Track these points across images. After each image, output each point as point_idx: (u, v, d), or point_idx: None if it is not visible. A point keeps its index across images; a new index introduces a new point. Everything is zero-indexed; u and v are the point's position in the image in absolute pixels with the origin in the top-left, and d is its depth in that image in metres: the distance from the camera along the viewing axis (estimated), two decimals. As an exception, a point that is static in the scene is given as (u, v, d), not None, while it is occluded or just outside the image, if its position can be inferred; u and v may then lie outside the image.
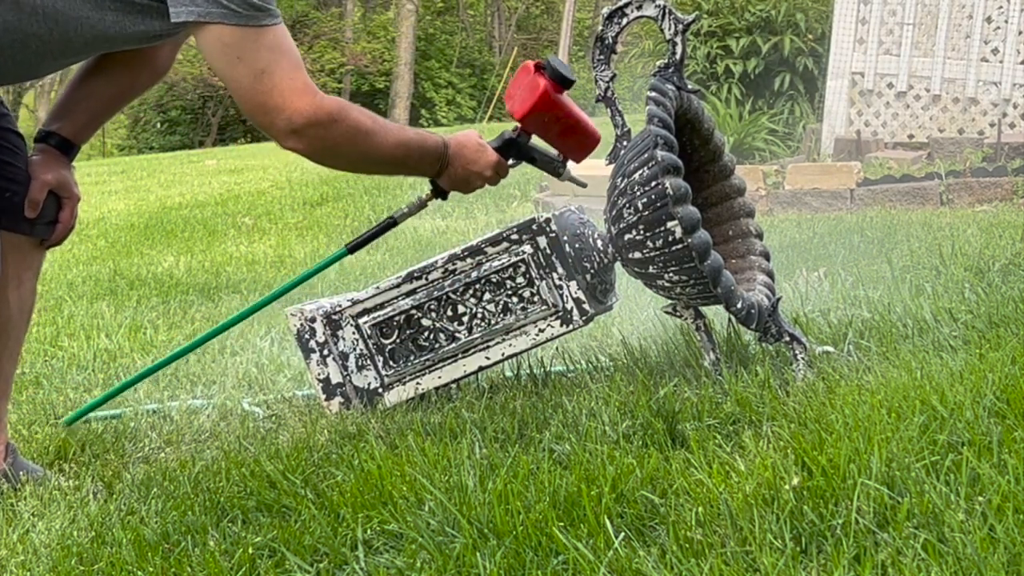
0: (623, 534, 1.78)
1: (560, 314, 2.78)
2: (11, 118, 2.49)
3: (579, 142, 2.68)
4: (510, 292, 2.80)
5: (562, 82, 2.56)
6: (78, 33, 2.27)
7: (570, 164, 2.79)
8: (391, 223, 2.77)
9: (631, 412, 2.36)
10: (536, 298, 2.78)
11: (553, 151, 2.76)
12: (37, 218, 2.47)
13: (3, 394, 2.53)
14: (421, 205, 2.72)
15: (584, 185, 2.84)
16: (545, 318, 2.78)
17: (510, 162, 2.68)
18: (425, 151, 2.53)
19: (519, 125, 2.68)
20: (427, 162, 2.55)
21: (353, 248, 2.78)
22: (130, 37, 2.32)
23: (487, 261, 2.80)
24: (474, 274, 2.80)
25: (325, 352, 2.88)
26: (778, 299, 2.68)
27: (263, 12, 2.23)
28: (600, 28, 2.77)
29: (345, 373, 2.87)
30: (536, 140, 2.73)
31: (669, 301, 2.73)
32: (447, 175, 2.59)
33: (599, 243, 2.79)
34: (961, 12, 8.34)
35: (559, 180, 2.81)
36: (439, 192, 2.67)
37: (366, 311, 2.86)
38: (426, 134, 2.56)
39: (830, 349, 2.68)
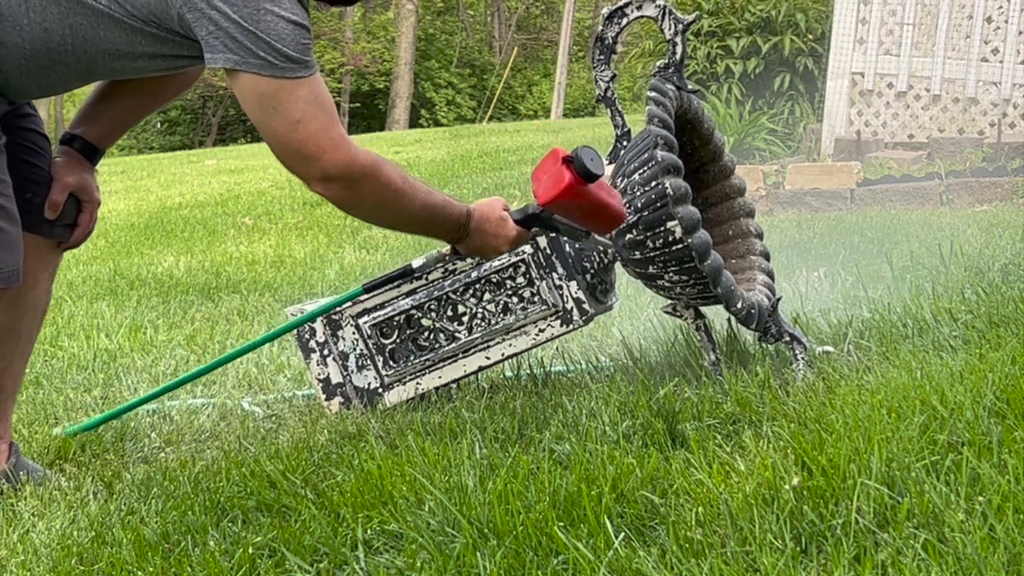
0: (623, 534, 1.78)
1: (560, 314, 2.78)
2: (38, 119, 2.50)
3: (602, 224, 2.60)
4: (510, 292, 2.80)
5: (588, 177, 2.50)
6: (105, 63, 2.29)
7: None
8: (409, 271, 2.73)
9: (631, 412, 2.36)
10: (536, 298, 2.78)
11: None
12: (56, 220, 2.47)
13: (11, 393, 2.54)
14: (440, 258, 2.68)
15: (609, 246, 2.79)
16: (545, 318, 2.78)
17: (533, 230, 2.65)
18: (448, 218, 2.50)
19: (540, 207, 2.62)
20: (448, 228, 2.52)
21: (370, 289, 2.76)
22: (157, 68, 2.34)
23: (487, 261, 2.80)
24: (474, 274, 2.80)
25: (325, 352, 2.88)
26: (778, 299, 2.68)
27: (299, 64, 2.22)
28: (600, 28, 2.78)
29: (345, 373, 2.87)
30: None
31: (669, 301, 2.73)
32: (465, 243, 2.55)
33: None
34: (961, 12, 8.34)
35: (584, 246, 2.77)
36: (456, 251, 2.63)
37: (366, 311, 2.86)
38: (451, 200, 2.52)
39: (830, 349, 2.68)
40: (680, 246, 2.53)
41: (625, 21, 2.76)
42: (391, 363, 2.86)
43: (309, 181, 2.30)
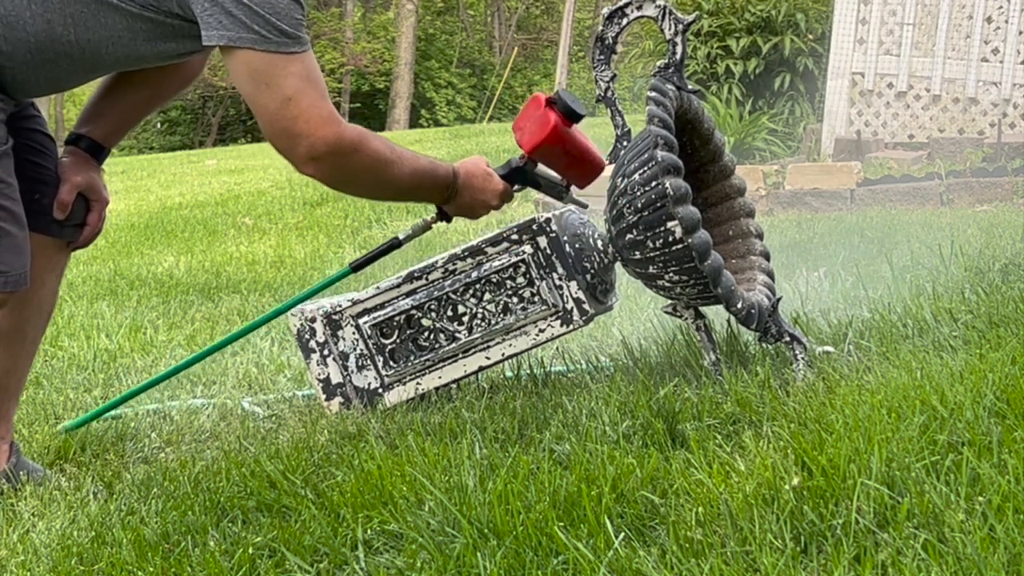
0: (623, 534, 1.78)
1: (560, 314, 2.77)
2: (42, 120, 2.50)
3: (584, 171, 2.71)
4: (510, 292, 2.80)
5: (572, 117, 2.59)
6: (109, 52, 2.30)
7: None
8: (396, 244, 2.77)
9: (631, 412, 2.36)
10: (536, 298, 2.78)
11: (558, 176, 2.76)
12: (65, 220, 2.47)
13: (14, 393, 2.54)
14: (426, 227, 2.73)
15: (585, 206, 2.86)
16: (545, 318, 2.78)
17: (515, 187, 2.70)
18: (436, 180, 2.56)
19: (526, 155, 2.67)
20: (437, 190, 2.58)
21: (357, 267, 2.79)
22: (160, 55, 2.35)
23: (487, 261, 2.80)
24: (474, 274, 2.80)
25: (325, 352, 2.88)
26: (778, 299, 2.68)
27: (293, 40, 2.25)
28: (600, 28, 2.77)
29: (345, 373, 2.87)
30: (542, 166, 2.73)
31: (669, 301, 2.72)
32: (454, 203, 2.61)
33: (599, 243, 2.79)
34: (961, 12, 8.34)
35: (561, 203, 2.83)
36: (443, 216, 2.68)
37: (366, 311, 2.86)
38: (437, 162, 2.58)
39: (830, 349, 2.68)
40: (680, 246, 2.53)
41: (625, 21, 2.76)
42: (391, 363, 2.86)
43: (298, 162, 2.32)
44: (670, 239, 2.54)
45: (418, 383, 2.85)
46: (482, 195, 2.62)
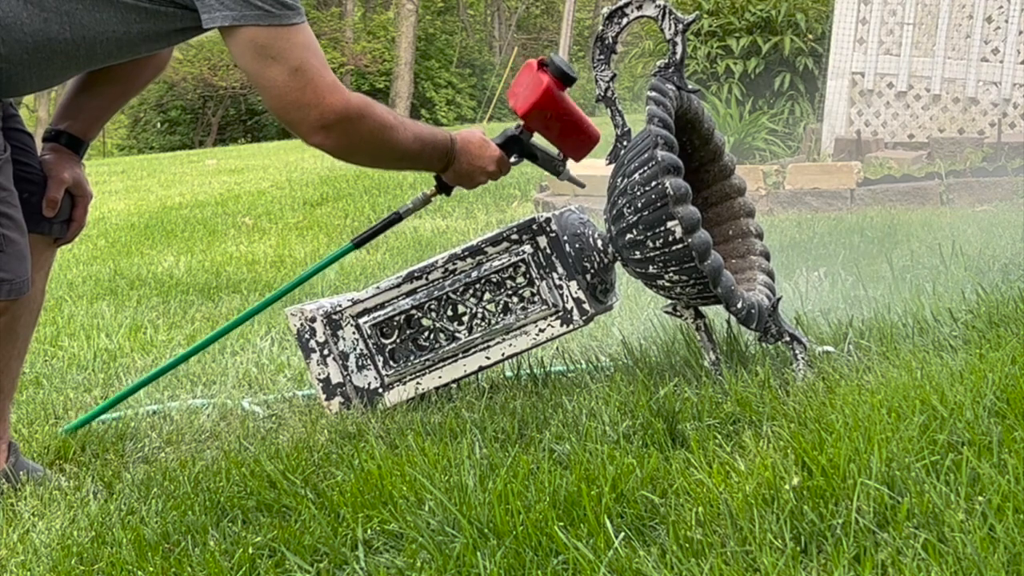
0: (623, 534, 1.78)
1: (560, 314, 2.77)
2: (20, 119, 2.50)
3: (579, 141, 2.75)
4: (510, 292, 2.80)
5: (564, 79, 2.64)
6: (103, 47, 2.30)
7: (569, 163, 2.83)
8: (396, 218, 2.83)
9: (631, 412, 2.36)
10: (536, 298, 2.78)
11: (554, 150, 2.79)
12: (53, 217, 2.47)
13: (9, 393, 2.53)
14: (425, 200, 2.77)
15: (582, 185, 2.90)
16: (545, 318, 2.78)
17: (512, 159, 2.74)
18: (437, 145, 2.62)
19: (521, 123, 2.71)
20: (436, 156, 2.63)
21: (359, 243, 2.83)
22: (154, 45, 2.36)
23: (487, 261, 2.80)
24: (474, 274, 2.80)
25: (325, 352, 2.88)
26: (778, 299, 2.68)
27: (293, 10, 2.28)
28: (600, 28, 2.77)
29: (345, 373, 2.87)
30: (537, 139, 2.77)
31: (669, 301, 2.72)
32: (453, 170, 2.66)
33: (599, 243, 2.79)
34: (961, 12, 8.34)
35: (558, 179, 2.86)
36: (443, 187, 2.72)
37: (366, 311, 2.86)
38: (436, 129, 2.65)
39: (830, 349, 2.68)
40: (680, 246, 2.53)
41: (625, 21, 2.76)
42: (391, 363, 2.86)
43: (308, 132, 2.34)
44: (670, 239, 2.54)
45: (418, 383, 2.85)
46: (479, 161, 2.66)
